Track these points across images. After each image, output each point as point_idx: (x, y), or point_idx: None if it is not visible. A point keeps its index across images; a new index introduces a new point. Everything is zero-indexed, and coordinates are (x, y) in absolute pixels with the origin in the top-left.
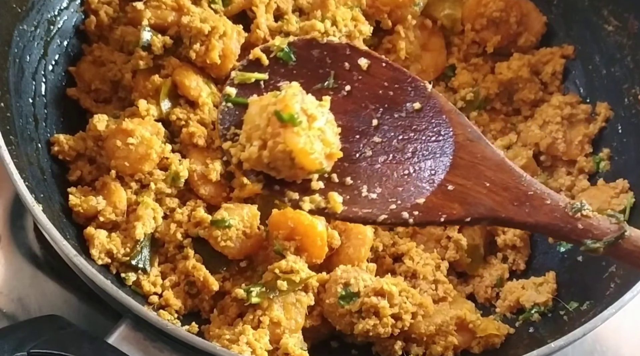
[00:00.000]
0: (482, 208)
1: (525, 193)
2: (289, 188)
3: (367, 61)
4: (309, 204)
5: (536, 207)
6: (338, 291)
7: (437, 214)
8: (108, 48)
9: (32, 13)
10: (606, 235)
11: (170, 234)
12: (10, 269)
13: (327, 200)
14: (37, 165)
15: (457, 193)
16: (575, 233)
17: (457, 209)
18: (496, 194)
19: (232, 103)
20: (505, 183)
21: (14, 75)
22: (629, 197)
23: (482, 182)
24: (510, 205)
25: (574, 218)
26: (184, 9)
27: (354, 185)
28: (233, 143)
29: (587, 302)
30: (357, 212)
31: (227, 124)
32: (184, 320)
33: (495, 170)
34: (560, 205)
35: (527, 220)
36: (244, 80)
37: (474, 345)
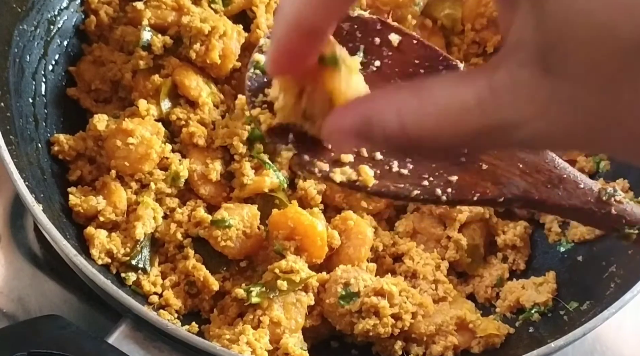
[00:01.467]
0: (515, 189)
1: (558, 176)
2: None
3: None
4: (340, 175)
5: (569, 190)
6: (338, 291)
7: (470, 192)
8: (108, 48)
9: (32, 13)
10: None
11: (170, 234)
12: (10, 269)
13: (358, 172)
14: (37, 165)
15: (490, 172)
16: (609, 219)
17: (491, 188)
18: (529, 175)
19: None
20: (538, 165)
21: (14, 75)
22: (629, 197)
23: (515, 162)
24: (544, 187)
25: (607, 204)
26: (184, 9)
27: (384, 160)
28: (262, 110)
29: (587, 302)
30: (389, 186)
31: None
32: (184, 320)
33: (528, 152)
34: (594, 189)
35: (560, 203)
36: None
37: (474, 344)
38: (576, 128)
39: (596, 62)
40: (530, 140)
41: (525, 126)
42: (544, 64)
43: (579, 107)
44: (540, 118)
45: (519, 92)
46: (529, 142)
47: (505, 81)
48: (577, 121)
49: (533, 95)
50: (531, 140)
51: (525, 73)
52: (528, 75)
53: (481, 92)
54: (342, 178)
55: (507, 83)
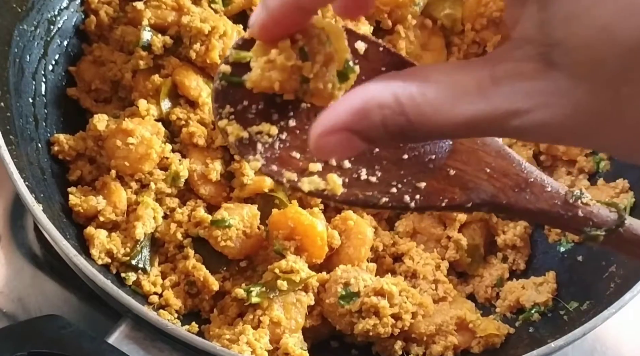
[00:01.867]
0: (483, 194)
1: (525, 180)
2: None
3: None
4: (308, 185)
5: (537, 193)
6: (338, 291)
7: (438, 199)
8: (108, 48)
9: (32, 13)
10: (606, 224)
11: (170, 234)
12: (10, 269)
13: (327, 181)
14: (37, 165)
15: (458, 178)
16: (576, 221)
17: (459, 194)
18: (497, 180)
19: (227, 82)
20: (505, 169)
21: (14, 75)
22: (629, 197)
23: (482, 167)
24: (511, 191)
25: (574, 206)
26: (184, 8)
27: (352, 168)
28: (229, 121)
29: (587, 302)
30: (357, 195)
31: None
32: (184, 320)
33: (495, 157)
34: (560, 192)
35: (528, 207)
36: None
37: (474, 344)
38: (572, 122)
39: (597, 61)
40: (525, 130)
41: (523, 116)
42: (548, 60)
43: (578, 102)
44: (539, 110)
45: (521, 83)
46: (523, 132)
47: (508, 71)
48: (574, 115)
49: (534, 87)
50: (526, 130)
51: (529, 66)
52: (531, 68)
53: (482, 79)
54: (309, 188)
55: (510, 73)
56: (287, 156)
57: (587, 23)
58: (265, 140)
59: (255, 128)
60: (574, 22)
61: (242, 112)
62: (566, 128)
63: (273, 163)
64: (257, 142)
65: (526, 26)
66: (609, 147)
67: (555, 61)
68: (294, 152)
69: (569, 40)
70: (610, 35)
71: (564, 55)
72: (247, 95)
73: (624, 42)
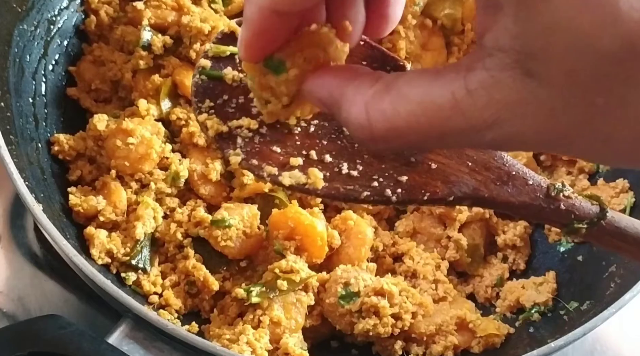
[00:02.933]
0: (464, 187)
1: (507, 173)
2: (268, 163)
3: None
4: (289, 179)
5: (518, 186)
6: (338, 291)
7: (420, 192)
8: (108, 48)
9: (32, 13)
10: (588, 217)
11: (170, 234)
12: (10, 269)
13: (308, 175)
14: (37, 164)
15: (440, 171)
16: (558, 214)
17: (440, 187)
18: (478, 173)
19: (207, 76)
20: (487, 162)
21: (14, 75)
22: (629, 197)
23: (464, 161)
24: (493, 184)
25: (556, 199)
26: (184, 8)
27: (334, 163)
28: (209, 116)
29: (587, 302)
30: (338, 188)
31: (202, 97)
32: (184, 320)
33: (477, 150)
34: (542, 185)
35: (509, 200)
36: (218, 53)
37: (474, 344)
38: (547, 131)
39: (575, 71)
40: (501, 141)
41: (499, 127)
42: (524, 68)
43: (554, 110)
44: (515, 120)
45: (498, 93)
46: (499, 143)
47: (484, 81)
48: (549, 124)
49: (512, 96)
50: (502, 141)
51: (505, 74)
52: (508, 77)
53: (456, 91)
54: (290, 182)
55: (486, 83)
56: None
57: (566, 34)
58: (245, 134)
59: (236, 123)
60: (553, 33)
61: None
62: (542, 138)
63: (253, 158)
64: (237, 136)
65: (499, 35)
66: (586, 156)
67: (531, 70)
68: (274, 146)
69: (547, 51)
70: (588, 45)
71: (541, 65)
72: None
73: (600, 51)
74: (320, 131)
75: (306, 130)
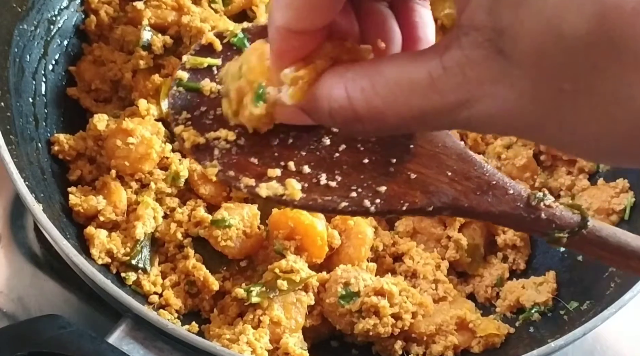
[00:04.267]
0: (444, 197)
1: (487, 182)
2: (245, 175)
3: None
4: (266, 190)
5: (498, 196)
6: (338, 291)
7: (399, 202)
8: (108, 48)
9: (32, 12)
10: (569, 225)
11: (170, 234)
12: (11, 269)
13: (285, 187)
14: (37, 164)
15: (419, 181)
16: (538, 224)
17: (419, 197)
18: (458, 183)
19: (184, 88)
20: (466, 172)
21: (14, 75)
22: (629, 197)
23: (443, 170)
24: (473, 194)
25: (537, 209)
26: (184, 8)
27: (312, 173)
28: (185, 127)
29: (587, 302)
30: (316, 199)
31: (179, 109)
32: (184, 320)
33: (457, 160)
34: (522, 195)
35: (490, 210)
36: (196, 65)
37: (474, 344)
38: (517, 113)
39: (543, 53)
40: (474, 120)
41: (472, 106)
42: (496, 47)
43: (522, 93)
44: (487, 99)
45: (471, 71)
46: (472, 123)
47: (459, 59)
48: (519, 106)
49: (484, 75)
50: (474, 120)
51: (478, 53)
52: (481, 55)
53: (433, 70)
54: (267, 193)
55: (461, 61)
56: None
57: (534, 11)
58: (222, 145)
59: (213, 134)
60: (522, 10)
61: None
62: (512, 120)
63: (230, 169)
64: (214, 147)
65: (475, 12)
66: (556, 146)
67: (502, 48)
68: (252, 157)
69: (516, 28)
70: (556, 27)
71: (511, 43)
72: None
73: (568, 35)
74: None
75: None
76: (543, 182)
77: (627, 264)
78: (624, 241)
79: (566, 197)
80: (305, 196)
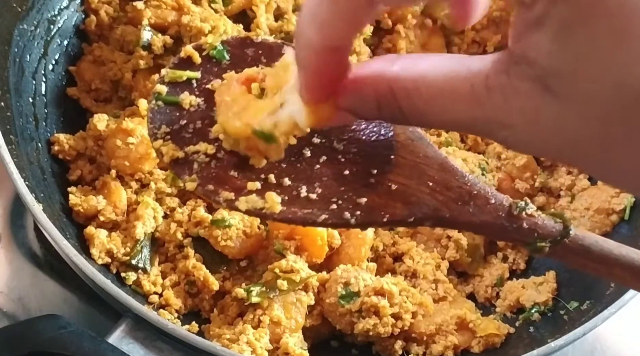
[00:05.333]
0: (425, 208)
1: (469, 192)
2: (224, 188)
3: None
4: (245, 204)
5: (480, 206)
6: (338, 291)
7: (379, 214)
8: (108, 47)
9: (32, 12)
10: (551, 235)
11: (170, 234)
12: (11, 269)
13: (265, 200)
14: (37, 164)
15: (400, 192)
16: (520, 233)
17: (400, 209)
18: (439, 193)
19: (163, 102)
20: (448, 182)
21: (14, 75)
22: (629, 197)
23: (425, 181)
24: (454, 204)
25: (519, 218)
26: (184, 8)
27: (292, 186)
28: (164, 142)
29: (588, 302)
30: (296, 212)
31: (158, 123)
32: (184, 320)
33: (438, 170)
34: (504, 204)
35: (471, 220)
36: (175, 78)
37: (474, 344)
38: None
39: (598, 96)
40: (511, 141)
41: (510, 129)
42: (544, 84)
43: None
44: (528, 126)
45: (514, 100)
46: (510, 143)
47: (504, 85)
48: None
49: (527, 106)
50: (512, 141)
51: (525, 85)
52: (528, 88)
53: (476, 87)
54: (247, 207)
55: (505, 87)
56: (225, 175)
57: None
58: (202, 159)
59: (192, 148)
60: (587, 60)
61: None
62: (551, 148)
63: (209, 183)
64: (193, 161)
65: (533, 48)
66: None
67: (552, 87)
68: (232, 170)
69: (574, 76)
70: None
71: (564, 85)
72: (184, 114)
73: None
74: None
75: None
76: (543, 181)
77: (610, 272)
78: (607, 249)
79: (566, 196)
80: (285, 209)
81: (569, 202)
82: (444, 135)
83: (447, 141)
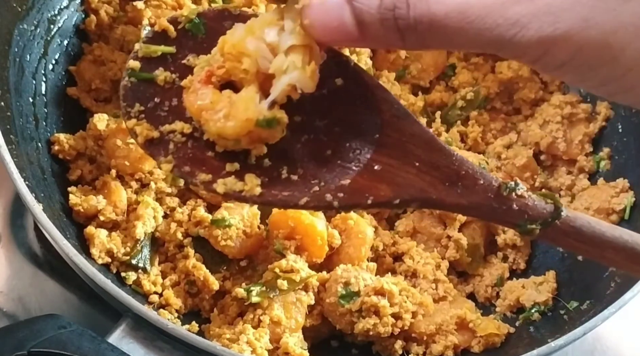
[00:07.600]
0: (411, 189)
1: (457, 172)
2: (201, 170)
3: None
4: (223, 187)
5: (468, 187)
6: (338, 291)
7: (363, 196)
8: (108, 47)
9: (32, 12)
10: (542, 216)
11: (170, 233)
12: (11, 268)
13: (244, 182)
14: (37, 164)
15: (385, 173)
16: (510, 215)
17: (385, 190)
18: (426, 174)
19: (136, 79)
20: (435, 162)
21: (14, 75)
22: (629, 197)
23: (411, 161)
24: (442, 185)
25: (508, 199)
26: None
27: (272, 167)
28: (138, 121)
29: (588, 301)
30: (276, 195)
31: (132, 101)
32: (184, 319)
33: (425, 149)
34: (493, 184)
35: (459, 201)
36: (149, 54)
37: (474, 344)
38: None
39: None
40: (537, 40)
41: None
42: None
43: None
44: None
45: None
46: (527, 41)
47: None
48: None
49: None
50: (538, 40)
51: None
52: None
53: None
54: (225, 189)
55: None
56: (202, 155)
57: None
58: (178, 139)
59: (168, 127)
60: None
61: (154, 109)
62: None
63: (186, 164)
64: (169, 141)
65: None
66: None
67: None
68: (209, 150)
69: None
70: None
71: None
72: (158, 91)
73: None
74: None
75: None
76: (543, 181)
77: (601, 255)
78: (599, 231)
79: (566, 196)
80: (265, 191)
81: (569, 202)
82: (444, 135)
83: (447, 141)
